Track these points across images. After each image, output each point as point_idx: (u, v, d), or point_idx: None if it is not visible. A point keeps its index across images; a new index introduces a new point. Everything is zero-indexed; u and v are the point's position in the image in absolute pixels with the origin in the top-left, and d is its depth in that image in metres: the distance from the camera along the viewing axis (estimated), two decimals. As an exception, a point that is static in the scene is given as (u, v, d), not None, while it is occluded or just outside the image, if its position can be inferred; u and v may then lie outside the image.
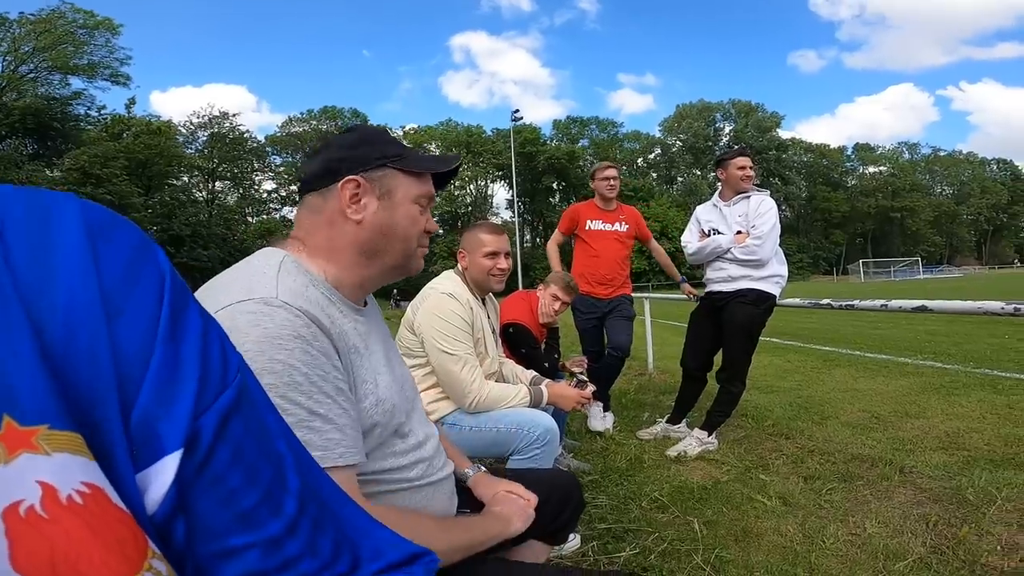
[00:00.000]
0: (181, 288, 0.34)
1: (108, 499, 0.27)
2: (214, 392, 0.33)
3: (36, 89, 30.94)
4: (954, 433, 3.08)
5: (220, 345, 0.36)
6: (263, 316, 0.69)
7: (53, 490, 0.25)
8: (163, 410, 0.30)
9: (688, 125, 67.96)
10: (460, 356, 1.75)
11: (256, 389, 0.38)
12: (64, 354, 0.28)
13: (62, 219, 0.31)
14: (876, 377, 4.79)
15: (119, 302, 0.30)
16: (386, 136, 0.90)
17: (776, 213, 2.94)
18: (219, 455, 0.32)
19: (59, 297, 0.29)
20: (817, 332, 8.32)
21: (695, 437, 2.95)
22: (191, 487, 0.31)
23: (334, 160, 0.86)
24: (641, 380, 5.12)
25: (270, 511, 0.34)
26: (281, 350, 0.68)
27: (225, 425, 0.33)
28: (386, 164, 0.86)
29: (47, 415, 0.26)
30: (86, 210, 0.32)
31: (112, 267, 0.31)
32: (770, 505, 2.19)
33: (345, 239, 0.85)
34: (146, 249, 0.34)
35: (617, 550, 1.90)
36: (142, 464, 0.30)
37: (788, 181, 65.33)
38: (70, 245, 0.30)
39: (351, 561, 0.39)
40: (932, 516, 2.06)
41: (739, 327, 2.91)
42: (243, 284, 0.73)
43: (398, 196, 0.87)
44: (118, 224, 0.33)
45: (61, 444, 0.26)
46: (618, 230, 3.53)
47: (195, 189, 41.88)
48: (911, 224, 68.80)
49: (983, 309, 1.99)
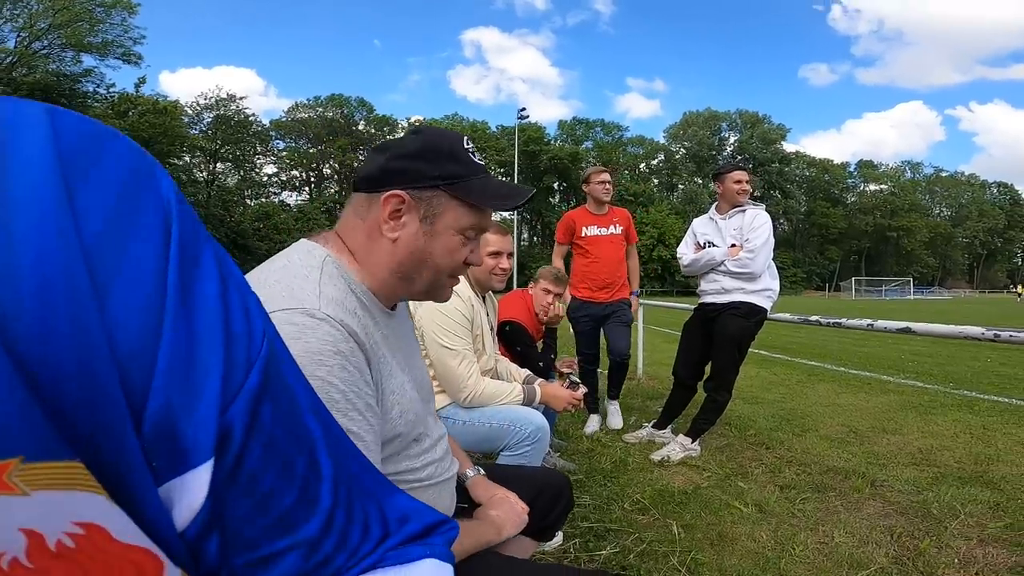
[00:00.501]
0: (192, 226, 0.26)
1: (109, 536, 0.23)
2: (241, 372, 0.27)
3: (47, 65, 30.74)
4: (927, 450, 3.19)
5: (243, 306, 0.28)
6: (306, 329, 0.67)
7: (39, 537, 0.21)
8: (184, 406, 0.24)
9: (693, 133, 68.21)
10: (458, 351, 1.81)
11: (280, 352, 0.32)
12: (39, 354, 0.21)
13: (22, 149, 0.22)
14: (858, 393, 4.90)
15: (110, 262, 0.23)
16: (451, 150, 0.80)
17: (770, 228, 3.02)
18: (252, 453, 0.28)
19: (22, 270, 0.21)
20: (804, 347, 8.45)
21: (679, 443, 3.05)
22: (224, 495, 0.26)
23: (389, 167, 0.79)
24: (629, 384, 5.21)
25: (307, 509, 0.31)
26: (321, 366, 0.67)
27: (256, 415, 0.28)
28: (439, 186, 0.79)
29: (18, 445, 0.20)
30: (59, 131, 0.23)
31: (95, 213, 0.23)
32: (746, 512, 2.29)
33: (380, 253, 0.80)
34: (142, 175, 0.25)
35: (598, 548, 1.98)
36: (165, 475, 0.25)
37: (788, 195, 65.73)
38: (33, 188, 0.22)
39: (376, 540, 0.37)
40: (897, 528, 2.16)
41: (729, 338, 3.00)
42: (286, 287, 0.71)
43: (441, 224, 0.80)
44: (102, 143, 0.24)
45: (42, 479, 0.21)
46: (613, 233, 3.61)
47: (196, 169, 41.68)
48: (906, 244, 69.36)
49: (964, 334, 2.07)
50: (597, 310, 3.57)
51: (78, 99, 32.62)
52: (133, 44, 32.93)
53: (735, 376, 3.12)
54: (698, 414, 3.12)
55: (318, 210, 46.14)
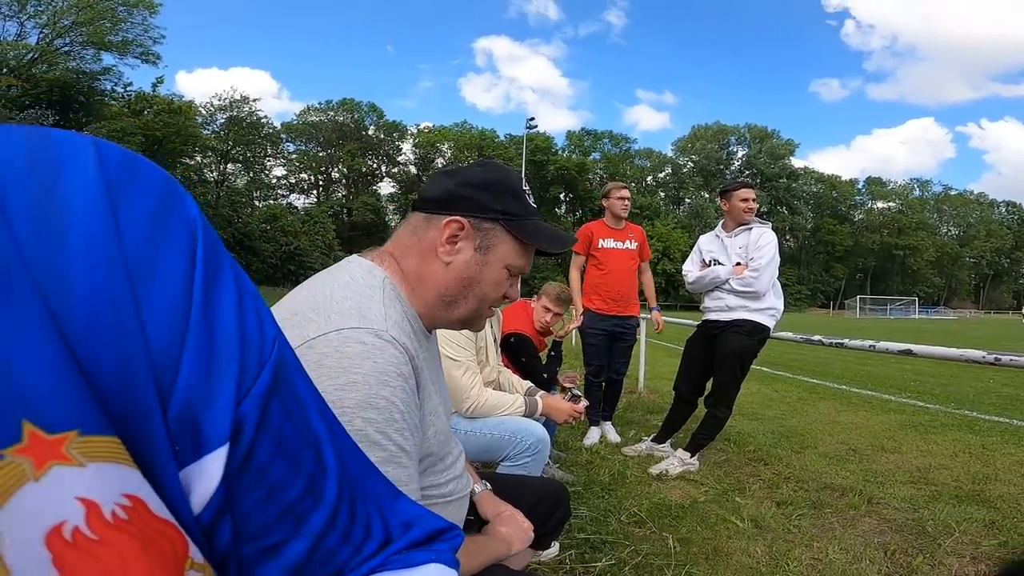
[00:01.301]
0: (213, 241, 0.30)
1: (150, 510, 0.25)
2: (254, 372, 0.30)
3: (67, 63, 31.15)
4: (925, 468, 3.21)
5: (256, 311, 0.32)
6: (375, 350, 0.70)
7: (96, 507, 0.23)
8: (204, 397, 0.27)
9: (702, 147, 68.34)
10: (462, 362, 1.85)
11: (289, 357, 0.34)
12: (88, 342, 0.24)
13: (75, 175, 0.26)
14: (858, 411, 4.91)
15: (146, 270, 0.26)
16: (514, 187, 0.86)
17: (776, 247, 3.04)
18: (262, 445, 0.30)
19: (76, 273, 0.24)
20: (806, 364, 8.44)
21: (678, 457, 3.07)
22: (236, 482, 0.29)
23: (454, 193, 0.83)
24: (630, 398, 5.24)
25: (312, 501, 0.33)
26: (387, 387, 0.69)
27: (266, 410, 0.30)
28: (499, 219, 0.83)
29: (76, 418, 0.23)
30: (102, 158, 0.27)
31: (134, 227, 0.26)
32: (742, 527, 2.32)
33: (431, 276, 0.83)
34: (172, 196, 0.29)
35: (593, 560, 2.00)
36: (185, 460, 0.27)
37: (795, 211, 65.67)
38: (86, 208, 0.25)
39: (380, 541, 0.38)
40: (891, 545, 2.18)
41: (731, 355, 3.03)
42: (355, 305, 0.74)
43: (493, 255, 0.84)
44: (138, 169, 0.28)
45: (96, 452, 0.23)
46: (628, 248, 3.67)
47: (207, 169, 42.11)
48: (913, 263, 69.06)
49: (965, 357, 2.10)
50: (609, 324, 3.62)
51: (95, 96, 33.02)
52: (153, 44, 33.39)
53: (736, 393, 3.15)
54: (698, 429, 3.14)
55: (325, 214, 46.41)
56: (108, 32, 31.46)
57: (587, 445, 3.50)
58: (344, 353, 0.69)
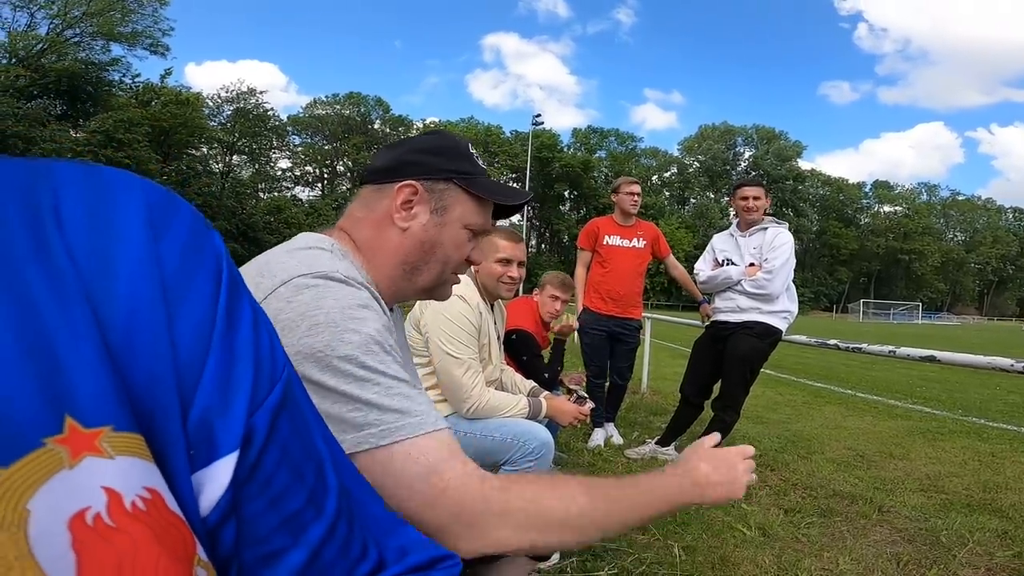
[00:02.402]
0: (235, 273, 0.33)
1: (166, 504, 0.26)
2: (265, 389, 0.32)
3: (77, 53, 31.16)
4: (935, 476, 3.14)
5: (269, 337, 0.35)
6: (330, 288, 0.66)
7: (118, 496, 0.24)
8: (220, 407, 0.30)
9: (708, 147, 68.08)
10: (464, 360, 1.77)
11: (297, 382, 0.37)
12: (125, 350, 0.27)
13: (125, 204, 0.29)
14: (865, 416, 4.84)
15: (179, 293, 0.29)
16: (465, 151, 0.84)
17: (791, 248, 2.95)
18: (270, 455, 0.32)
19: (121, 289, 0.28)
20: (812, 368, 8.37)
21: (682, 460, 3.00)
22: (242, 489, 0.30)
23: (403, 159, 0.82)
24: (633, 399, 5.17)
25: (313, 513, 0.34)
26: (353, 319, 0.65)
27: (275, 424, 0.32)
28: (452, 179, 0.81)
29: (110, 416, 0.25)
30: (147, 192, 0.31)
31: (171, 255, 0.30)
32: (749, 535, 2.25)
33: (388, 245, 0.81)
34: (203, 232, 0.32)
35: (595, 569, 1.93)
36: (198, 464, 0.29)
37: (801, 213, 65.28)
38: (132, 232, 0.29)
39: (376, 561, 0.38)
40: (904, 556, 2.12)
41: (741, 358, 2.95)
42: (299, 261, 0.70)
43: (451, 216, 0.82)
44: (176, 206, 0.32)
45: (124, 447, 0.25)
46: (635, 246, 3.55)
47: (212, 161, 42.06)
48: (918, 268, 68.72)
49: (992, 364, 2.02)
50: (608, 324, 3.52)
51: (103, 87, 33.04)
52: (162, 35, 33.30)
53: (744, 397, 3.08)
54: (703, 434, 3.07)
55: (329, 206, 46.34)
56: (118, 23, 31.41)
57: (590, 447, 3.44)
58: (299, 300, 0.65)
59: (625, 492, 0.72)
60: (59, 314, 0.25)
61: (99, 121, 27.68)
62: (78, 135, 27.69)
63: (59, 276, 0.26)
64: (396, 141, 0.86)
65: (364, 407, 0.62)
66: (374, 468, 0.60)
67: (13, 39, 28.93)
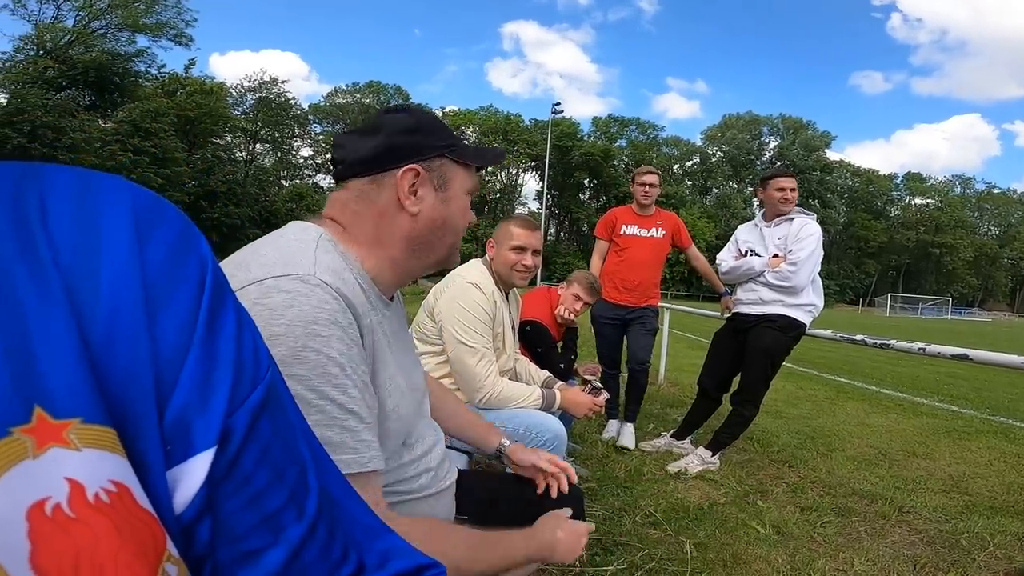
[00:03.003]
0: (220, 278, 0.34)
1: (134, 499, 0.26)
2: (246, 390, 0.33)
3: (103, 45, 31.77)
4: (959, 477, 3.06)
5: (253, 340, 0.35)
6: (300, 296, 0.64)
7: (81, 487, 0.25)
8: (198, 406, 0.30)
9: (732, 136, 66.58)
10: (477, 349, 1.75)
11: (282, 386, 0.38)
12: (104, 347, 0.28)
13: (112, 206, 0.30)
14: (888, 414, 4.73)
15: (161, 294, 0.30)
16: (440, 123, 0.86)
17: (818, 240, 2.86)
18: (248, 454, 0.32)
19: (103, 286, 0.28)
20: (835, 362, 8.20)
21: (698, 455, 2.97)
22: (219, 487, 0.30)
23: (392, 144, 0.80)
24: (650, 391, 5.11)
25: (294, 513, 0.34)
26: (316, 337, 0.63)
27: (255, 424, 0.33)
28: (444, 154, 0.82)
29: (81, 408, 0.26)
30: (135, 198, 0.31)
31: (155, 259, 0.31)
32: (763, 533, 2.22)
33: (397, 232, 0.80)
34: (189, 237, 0.33)
35: (604, 563, 1.91)
36: (174, 460, 0.29)
37: (828, 204, 63.58)
38: (117, 235, 0.30)
39: (357, 565, 0.38)
40: (922, 558, 2.07)
41: (762, 351, 2.89)
42: (279, 256, 0.69)
43: (453, 189, 0.83)
44: (164, 210, 0.33)
45: (92, 439, 0.26)
46: (653, 236, 3.46)
47: (236, 149, 42.67)
48: (949, 262, 66.62)
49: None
50: (621, 313, 3.46)
51: (130, 78, 33.69)
52: (185, 26, 33.80)
53: (765, 391, 3.02)
54: (721, 427, 3.03)
55: (350, 194, 46.62)
56: (142, 14, 31.91)
57: (604, 439, 3.41)
58: (264, 305, 0.63)
59: (494, 550, 0.81)
60: (39, 310, 0.26)
61: (126, 111, 28.27)
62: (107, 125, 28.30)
63: (42, 274, 0.27)
64: (363, 126, 0.83)
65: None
66: None
67: (40, 31, 29.55)
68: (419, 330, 1.86)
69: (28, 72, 27.45)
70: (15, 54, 29.08)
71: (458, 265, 0.95)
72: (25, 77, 27.17)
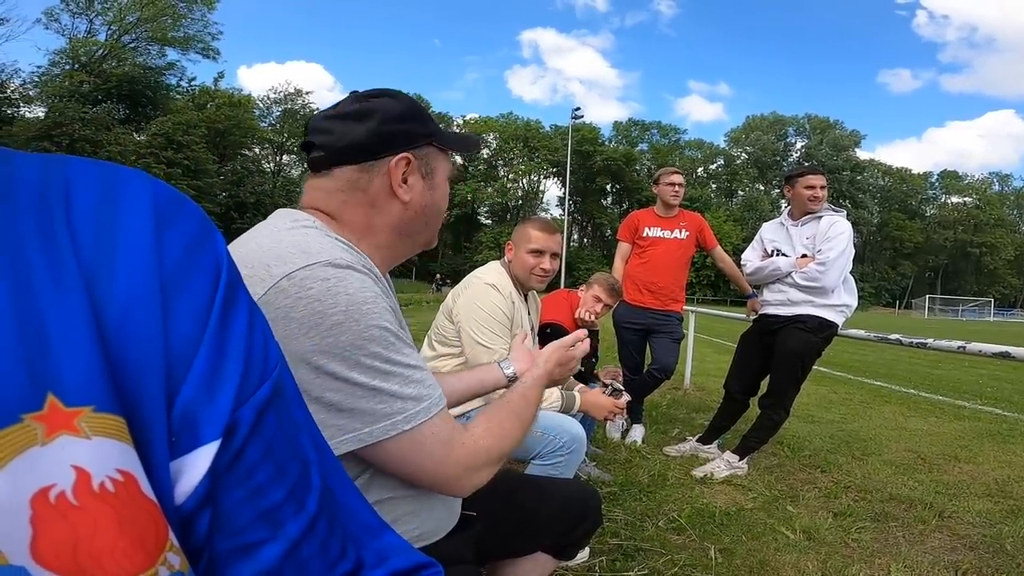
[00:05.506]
0: (234, 276, 0.35)
1: (139, 488, 0.27)
2: (254, 385, 0.33)
3: (135, 58, 33.05)
4: (1003, 481, 2.92)
5: (263, 337, 0.36)
6: (341, 281, 0.67)
7: (87, 475, 0.25)
8: (206, 400, 0.30)
9: (756, 138, 65.38)
10: (496, 351, 1.72)
11: (289, 383, 0.38)
12: (117, 336, 0.28)
13: (133, 198, 0.31)
14: (928, 417, 4.55)
15: (177, 288, 0.31)
16: (422, 107, 0.86)
17: (849, 238, 2.75)
18: (252, 449, 0.32)
19: (120, 276, 0.29)
20: (870, 365, 7.94)
21: (725, 460, 2.89)
22: (221, 479, 0.31)
23: (385, 132, 0.79)
24: (675, 395, 5.04)
25: (294, 508, 0.34)
26: (371, 314, 0.67)
27: (260, 419, 0.33)
28: (431, 141, 0.84)
29: (93, 396, 0.26)
30: (156, 192, 0.32)
31: (173, 252, 0.31)
32: (793, 539, 2.14)
33: (387, 219, 0.81)
34: (206, 234, 0.34)
35: (625, 569, 1.87)
36: (179, 452, 0.29)
37: (860, 204, 61.81)
38: (136, 226, 0.30)
39: (355, 562, 0.38)
40: (964, 564, 1.97)
41: (792, 353, 2.79)
42: (291, 245, 0.70)
43: (439, 176, 0.86)
44: (183, 206, 0.33)
45: (102, 428, 0.26)
46: (677, 237, 3.40)
47: (264, 160, 43.82)
48: (989, 262, 64.04)
49: None
50: (644, 318, 3.39)
51: (161, 91, 34.96)
52: (212, 39, 35.02)
53: (795, 394, 2.92)
54: (749, 431, 2.95)
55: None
56: (170, 28, 33.20)
57: (627, 443, 3.35)
58: (311, 296, 0.65)
59: (524, 402, 0.93)
60: (56, 298, 0.26)
61: (159, 124, 29.30)
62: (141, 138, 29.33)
63: (60, 262, 0.27)
64: (349, 111, 0.80)
65: (389, 398, 0.68)
66: (404, 447, 0.68)
67: (75, 45, 30.84)
68: (437, 332, 1.86)
69: (64, 86, 28.61)
70: (51, 67, 30.39)
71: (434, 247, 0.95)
72: (62, 91, 28.32)
